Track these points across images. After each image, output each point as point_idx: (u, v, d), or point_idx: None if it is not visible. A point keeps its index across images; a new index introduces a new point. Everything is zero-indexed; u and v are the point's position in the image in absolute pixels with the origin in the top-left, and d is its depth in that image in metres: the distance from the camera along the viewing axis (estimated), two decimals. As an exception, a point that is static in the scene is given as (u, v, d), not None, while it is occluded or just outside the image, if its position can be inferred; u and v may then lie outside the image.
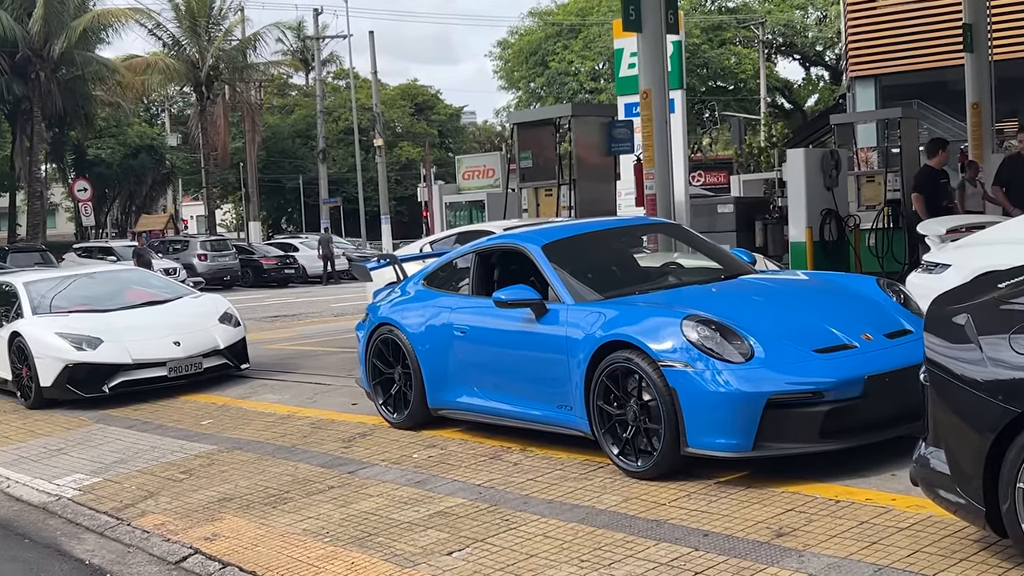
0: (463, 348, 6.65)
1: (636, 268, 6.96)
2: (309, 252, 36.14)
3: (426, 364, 6.92)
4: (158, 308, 10.31)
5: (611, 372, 5.58)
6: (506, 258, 6.95)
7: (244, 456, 7.14)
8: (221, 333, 10.04)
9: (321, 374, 10.13)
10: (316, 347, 12.81)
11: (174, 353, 9.58)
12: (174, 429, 8.29)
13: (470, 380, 6.65)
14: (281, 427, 7.95)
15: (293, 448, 7.20)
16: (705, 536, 4.68)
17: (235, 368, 10.10)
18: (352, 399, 8.61)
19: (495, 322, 6.40)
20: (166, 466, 7.11)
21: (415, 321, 7.05)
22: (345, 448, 7.02)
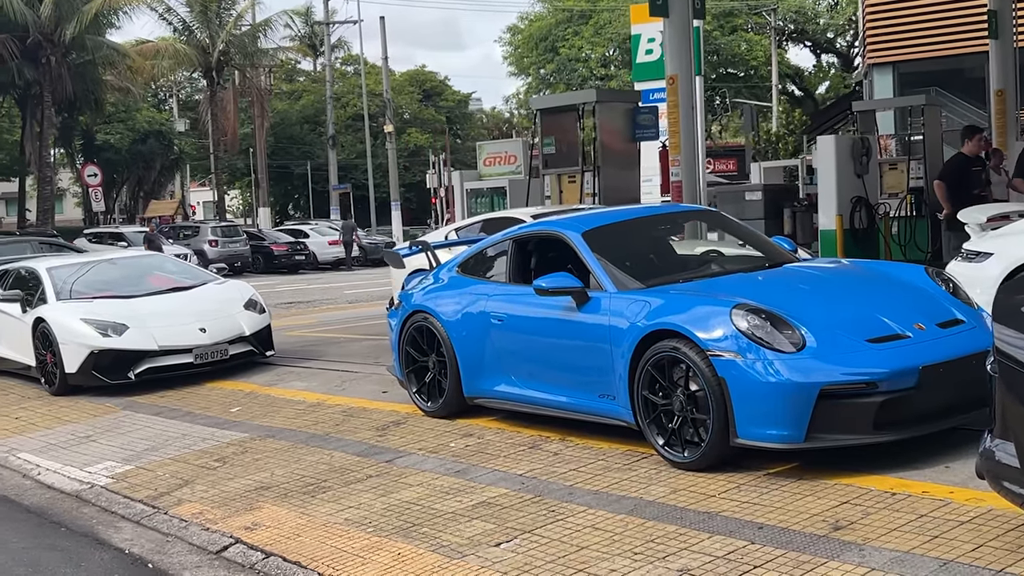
0: (500, 336, 6.57)
1: (675, 256, 6.88)
2: (320, 238, 36.14)
3: (462, 352, 6.84)
4: (183, 294, 10.24)
5: (657, 361, 5.50)
6: (544, 245, 6.86)
7: (277, 444, 7.07)
8: (246, 319, 9.98)
9: (347, 361, 10.07)
10: (337, 334, 12.75)
11: (200, 340, 9.52)
12: (203, 416, 8.22)
13: (507, 369, 6.57)
14: (312, 415, 7.88)
15: (327, 436, 7.13)
16: (760, 529, 4.60)
17: (260, 355, 10.04)
18: (382, 387, 8.54)
19: (534, 310, 6.32)
20: (199, 454, 7.05)
21: (450, 309, 6.98)
22: (380, 437, 6.95)
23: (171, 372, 9.41)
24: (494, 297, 6.73)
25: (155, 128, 47.15)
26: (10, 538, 5.75)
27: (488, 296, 6.77)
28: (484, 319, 6.68)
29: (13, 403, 9.60)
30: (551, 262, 6.82)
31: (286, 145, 61.53)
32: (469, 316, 6.81)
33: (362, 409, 7.86)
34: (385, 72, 42.24)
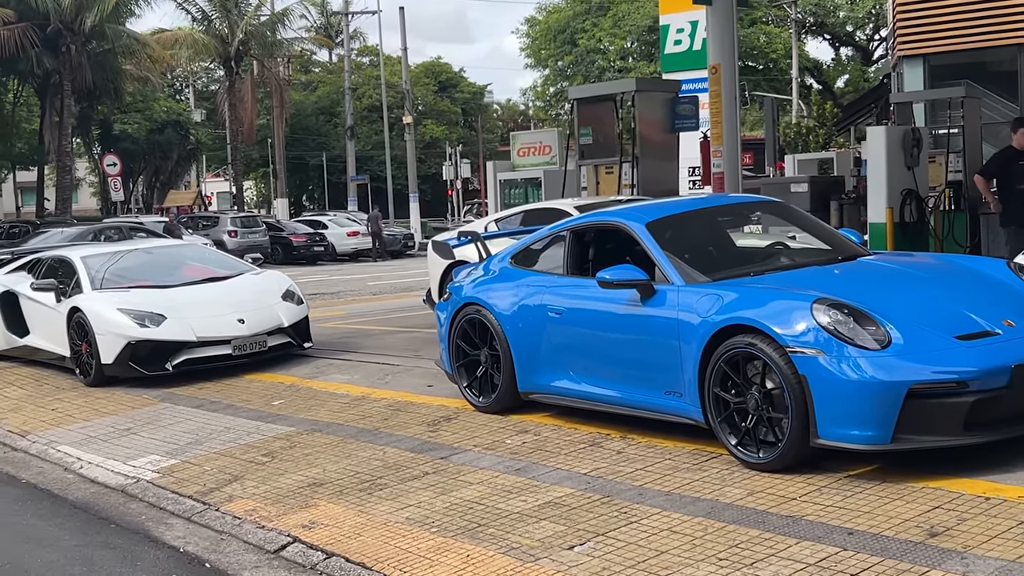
0: (558, 330, 6.41)
1: (739, 248, 6.68)
2: (338, 229, 36.07)
3: (516, 346, 6.68)
4: (220, 284, 10.11)
5: (730, 358, 5.30)
6: (603, 236, 6.70)
7: (325, 439, 6.90)
8: (285, 311, 9.84)
9: (387, 354, 9.91)
10: (371, 326, 12.58)
11: (239, 331, 9.38)
12: (245, 409, 8.07)
13: (565, 364, 6.41)
14: (357, 409, 7.71)
15: (376, 431, 6.96)
16: (850, 535, 4.39)
17: (298, 347, 9.91)
18: (425, 380, 8.38)
19: (595, 304, 6.15)
20: (245, 448, 6.88)
21: (504, 301, 6.82)
22: (432, 432, 6.77)
23: (209, 364, 9.28)
24: (551, 290, 6.56)
25: (172, 118, 47.08)
26: (61, 535, 5.58)
27: (545, 289, 6.60)
28: (540, 312, 6.53)
29: (48, 394, 9.46)
30: (609, 254, 6.66)
31: (301, 136, 61.46)
32: (524, 309, 6.65)
33: (409, 403, 7.69)
34: (405, 63, 42.06)
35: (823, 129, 24.43)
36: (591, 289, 6.15)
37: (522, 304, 6.66)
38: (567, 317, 6.33)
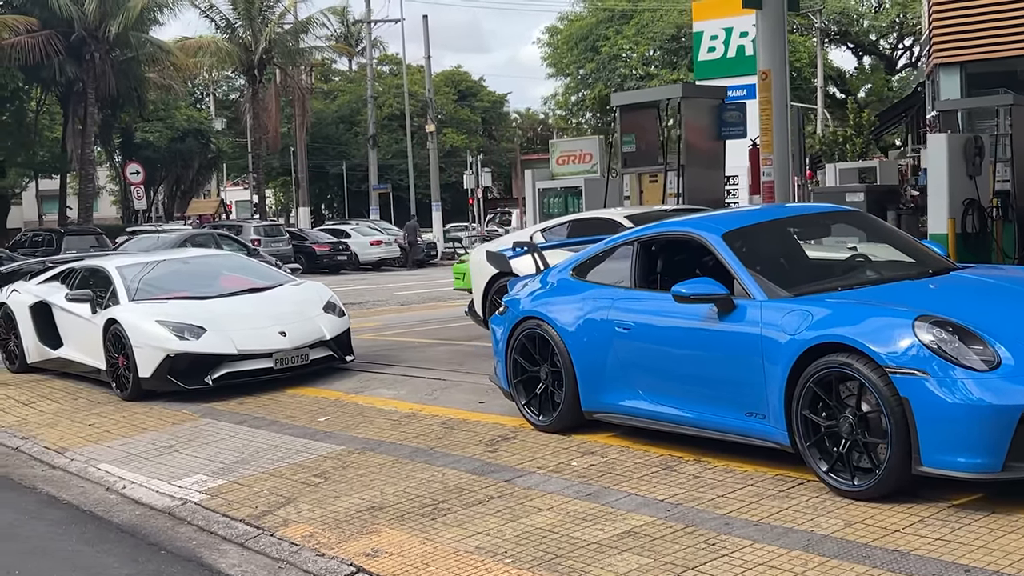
0: (626, 347, 6.15)
1: (816, 261, 6.39)
2: (361, 238, 35.97)
3: (580, 363, 6.43)
4: (260, 296, 9.91)
5: (822, 378, 5.00)
6: (672, 247, 6.46)
7: (379, 459, 6.62)
8: (326, 323, 9.65)
9: (431, 368, 9.70)
10: (409, 338, 12.41)
11: (280, 344, 9.18)
12: (291, 426, 7.80)
13: (634, 382, 6.15)
14: (409, 426, 7.44)
15: (431, 451, 6.67)
16: (967, 572, 4.07)
17: (340, 360, 9.71)
18: (476, 396, 8.14)
19: (667, 319, 5.89)
20: (295, 468, 6.59)
21: (567, 315, 6.57)
22: (491, 452, 6.48)
23: (250, 378, 9.07)
24: (618, 303, 6.31)
25: (194, 127, 47.11)
26: (110, 563, 5.30)
27: (611, 302, 6.35)
28: (607, 327, 6.27)
29: (83, 408, 9.22)
30: (679, 266, 6.42)
31: (321, 145, 61.52)
32: (589, 324, 6.40)
33: (462, 421, 7.43)
34: (428, 71, 41.96)
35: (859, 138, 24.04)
36: (662, 303, 5.93)
37: (587, 318, 6.43)
38: (636, 332, 6.08)
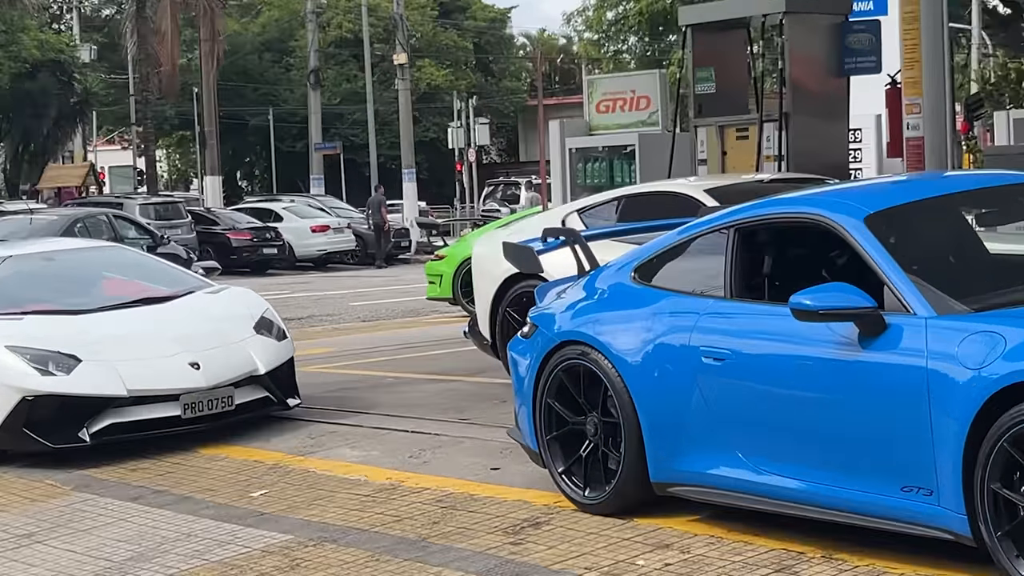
0: (718, 386, 6.14)
1: (1000, 257, 6.36)
2: (297, 223, 36.20)
3: (648, 410, 6.40)
4: (161, 309, 9.93)
5: (1021, 436, 4.91)
6: (787, 238, 6.45)
7: (345, 555, 6.58)
8: (260, 349, 9.63)
9: (417, 416, 9.70)
10: (379, 370, 12.56)
11: (191, 381, 9.14)
12: (210, 504, 7.77)
13: (730, 439, 6.14)
14: (388, 505, 7.43)
15: (423, 543, 6.65)
16: None
17: (280, 405, 9.70)
18: (488, 459, 8.16)
19: (781, 345, 5.88)
20: (220, 570, 6.52)
21: (627, 339, 6.54)
22: (513, 545, 6.45)
23: (148, 432, 9.06)
24: (706, 321, 6.28)
25: (49, 57, 46.98)
26: None
27: (695, 319, 6.33)
28: (689, 357, 6.26)
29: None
30: (796, 266, 6.43)
31: (239, 84, 61.68)
32: (662, 351, 6.38)
33: (467, 497, 7.41)
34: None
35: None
36: (773, 321, 5.93)
37: (658, 344, 6.40)
38: (734, 365, 6.06)
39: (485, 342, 10.72)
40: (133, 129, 52.10)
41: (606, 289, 6.94)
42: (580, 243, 7.48)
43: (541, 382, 6.88)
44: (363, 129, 57.55)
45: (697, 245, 6.68)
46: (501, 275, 10.11)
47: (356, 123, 59.82)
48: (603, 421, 6.63)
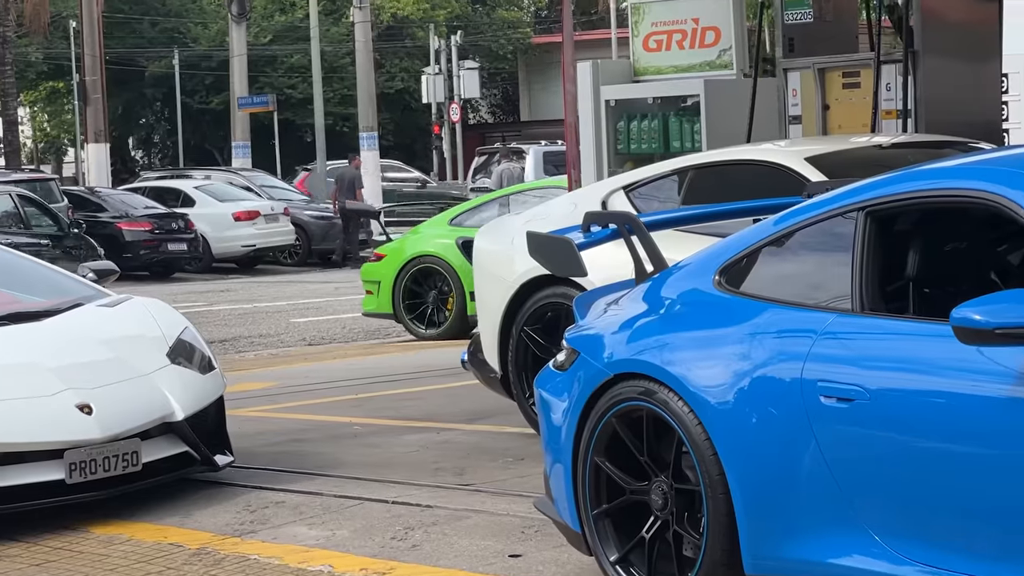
0: (845, 436, 6.04)
1: None
2: (215, 207, 36.25)
3: (742, 472, 6.31)
4: (33, 328, 9.97)
5: None
6: (943, 224, 6.46)
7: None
8: (177, 385, 9.72)
9: (396, 481, 9.81)
10: (343, 415, 12.67)
11: (80, 431, 9.12)
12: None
13: (862, 513, 6.03)
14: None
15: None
16: None
17: (204, 464, 9.76)
18: (503, 541, 8.17)
19: (939, 379, 5.78)
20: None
21: (710, 371, 6.47)
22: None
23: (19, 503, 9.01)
24: (824, 345, 6.19)
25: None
26: None
27: (808, 343, 6.23)
28: (800, 396, 6.16)
29: None
30: (954, 264, 6.50)
31: (129, 17, 61.85)
32: (760, 388, 6.30)
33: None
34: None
35: None
36: (927, 344, 5.83)
37: (755, 378, 6.32)
38: (868, 408, 5.96)
39: (492, 374, 10.77)
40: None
41: (677, 299, 6.91)
42: (640, 233, 7.45)
43: (586, 433, 6.84)
44: (303, 78, 57.80)
45: (808, 236, 6.63)
46: (516, 280, 10.21)
47: (294, 70, 60.05)
48: (676, 488, 6.56)
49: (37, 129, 75.67)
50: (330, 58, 51.29)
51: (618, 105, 13.91)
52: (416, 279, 18.61)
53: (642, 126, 13.67)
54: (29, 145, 71.48)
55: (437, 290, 18.51)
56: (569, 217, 9.97)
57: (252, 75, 49.77)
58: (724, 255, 6.86)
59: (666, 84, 14.00)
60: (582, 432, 6.84)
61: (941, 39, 12.24)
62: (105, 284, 11.19)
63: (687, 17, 14.26)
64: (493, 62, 66.69)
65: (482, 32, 66.66)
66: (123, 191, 38.72)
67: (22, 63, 55.04)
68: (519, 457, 9.94)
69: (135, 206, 35.31)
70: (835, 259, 6.41)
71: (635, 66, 14.43)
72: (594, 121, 13.80)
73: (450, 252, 17.91)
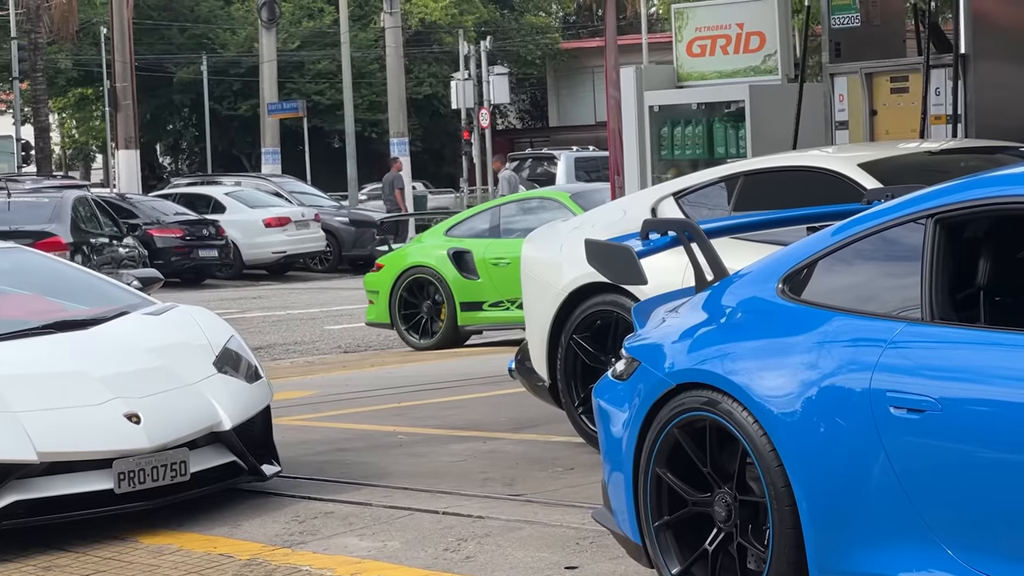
0: (916, 448, 5.96)
1: None
2: (245, 214, 36.27)
3: (808, 484, 6.24)
4: (80, 337, 9.94)
5: None
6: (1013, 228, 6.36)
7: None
8: (225, 395, 9.73)
9: (445, 491, 9.81)
10: (386, 424, 12.70)
11: (129, 440, 9.09)
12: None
13: (934, 527, 5.94)
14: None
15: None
16: None
17: (252, 474, 9.77)
18: (558, 553, 8.09)
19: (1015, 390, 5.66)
20: None
21: (775, 380, 6.40)
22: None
23: (67, 513, 9.00)
24: (893, 355, 6.11)
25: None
26: None
27: (877, 352, 6.15)
28: (869, 406, 6.08)
29: None
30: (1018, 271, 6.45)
31: (160, 23, 61.87)
32: (827, 398, 6.23)
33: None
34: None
35: None
36: (1003, 354, 5.75)
37: (822, 388, 6.25)
38: (940, 419, 5.87)
39: (540, 383, 10.75)
40: (15, 85, 52.08)
41: (739, 308, 6.85)
42: (700, 241, 7.41)
43: (647, 443, 6.79)
44: (330, 84, 57.77)
45: (874, 244, 6.56)
46: (565, 288, 10.19)
47: (321, 76, 60.05)
48: (740, 500, 6.52)
49: (65, 135, 75.77)
50: (358, 64, 51.22)
51: (662, 111, 13.90)
52: (411, 289, 19.00)
53: (686, 132, 13.68)
54: (57, 151, 71.55)
55: (431, 300, 18.81)
56: (619, 224, 9.94)
57: (280, 81, 49.75)
58: (787, 263, 6.81)
59: (710, 89, 14.02)
60: (643, 442, 6.80)
61: (992, 42, 12.18)
62: (150, 292, 11.22)
63: (731, 22, 14.27)
64: (521, 67, 66.72)
65: (510, 37, 66.66)
66: (153, 197, 38.82)
67: (52, 70, 55.18)
68: (568, 467, 9.90)
69: (166, 212, 35.41)
70: (903, 267, 6.37)
71: (679, 71, 14.43)
72: (637, 127, 13.77)
73: (442, 263, 18.45)
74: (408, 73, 54.94)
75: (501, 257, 17.95)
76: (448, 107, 55.97)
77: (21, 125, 52.11)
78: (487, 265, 18.17)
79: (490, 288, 18.14)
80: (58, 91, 63.58)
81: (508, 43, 65.28)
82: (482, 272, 18.21)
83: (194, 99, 63.13)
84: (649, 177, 13.34)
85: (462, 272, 18.30)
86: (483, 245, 18.53)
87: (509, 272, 17.10)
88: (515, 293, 16.49)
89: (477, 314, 18.41)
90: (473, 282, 18.23)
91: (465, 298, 18.26)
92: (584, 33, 69.34)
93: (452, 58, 56.28)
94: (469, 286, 18.24)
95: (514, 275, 16.09)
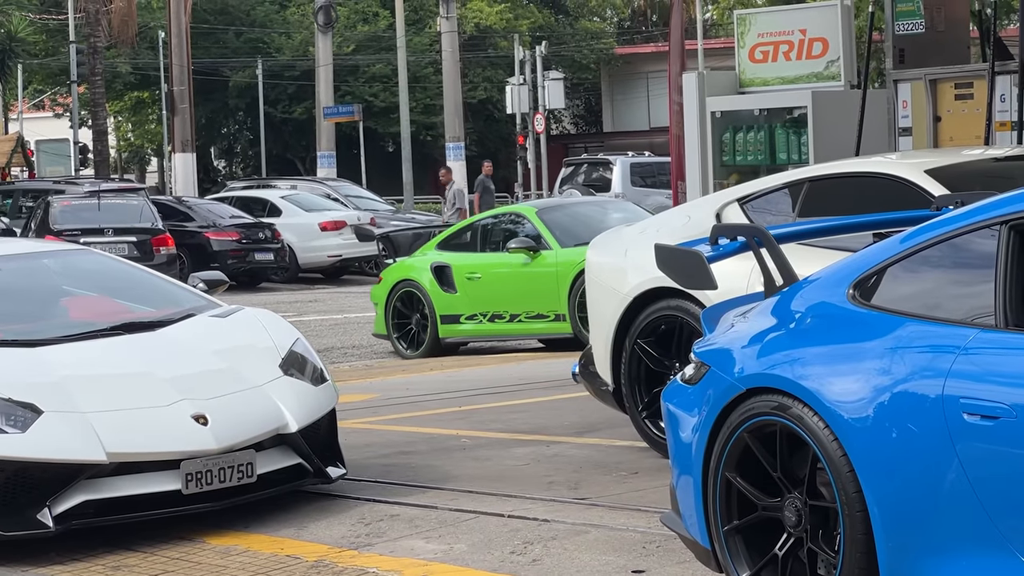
0: (990, 455, 5.92)
1: None
2: (301, 217, 36.37)
3: (880, 490, 6.21)
4: (148, 338, 10.03)
5: None
6: None
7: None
8: (291, 397, 9.77)
9: (510, 495, 9.79)
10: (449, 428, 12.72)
11: (196, 441, 9.15)
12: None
13: (1010, 535, 5.90)
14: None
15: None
16: None
17: (317, 476, 9.83)
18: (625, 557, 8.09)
19: None
20: None
21: (846, 385, 6.37)
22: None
23: (136, 514, 9.07)
24: (966, 361, 6.07)
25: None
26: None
27: (950, 359, 6.12)
28: (942, 413, 6.05)
29: None
30: None
31: (216, 28, 62.05)
32: (899, 404, 6.19)
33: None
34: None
35: None
36: None
37: (895, 394, 6.21)
38: (1015, 426, 5.82)
39: (604, 387, 10.73)
40: (73, 89, 52.25)
41: (809, 313, 6.83)
42: (770, 246, 7.39)
43: (716, 448, 6.78)
44: (385, 88, 57.80)
45: (946, 250, 6.53)
46: (630, 293, 10.20)
47: (376, 79, 60.09)
48: (810, 505, 6.50)
49: (121, 139, 76.03)
50: (413, 68, 51.23)
51: (724, 116, 13.95)
52: (403, 301, 19.47)
53: (748, 138, 13.67)
54: (113, 155, 71.84)
55: (419, 312, 19.26)
56: (684, 228, 9.94)
57: (335, 84, 49.88)
58: (858, 268, 6.79)
59: (772, 95, 14.05)
60: (712, 447, 6.79)
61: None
62: (214, 294, 11.24)
63: (794, 28, 14.28)
64: (576, 72, 66.61)
65: (564, 43, 66.59)
66: (210, 200, 38.91)
67: (110, 74, 55.36)
68: (632, 471, 9.89)
69: (222, 215, 35.52)
70: (976, 273, 6.34)
71: (741, 77, 14.46)
72: (699, 133, 13.81)
73: (425, 277, 19.00)
74: (463, 77, 55.02)
75: (474, 272, 18.58)
76: (503, 112, 55.97)
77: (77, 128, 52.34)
78: (463, 279, 18.68)
79: (465, 302, 18.67)
80: (115, 95, 63.80)
81: (563, 48, 65.21)
82: (459, 286, 18.73)
83: (249, 103, 63.24)
84: (711, 183, 13.37)
85: (442, 286, 18.84)
86: (461, 259, 19.03)
87: (481, 286, 18.21)
88: (488, 307, 17.88)
89: (456, 327, 18.96)
90: (452, 296, 18.76)
91: (445, 311, 18.80)
92: (639, 39, 69.24)
93: (507, 63, 56.31)
94: (448, 300, 18.79)
95: (487, 289, 17.73)
